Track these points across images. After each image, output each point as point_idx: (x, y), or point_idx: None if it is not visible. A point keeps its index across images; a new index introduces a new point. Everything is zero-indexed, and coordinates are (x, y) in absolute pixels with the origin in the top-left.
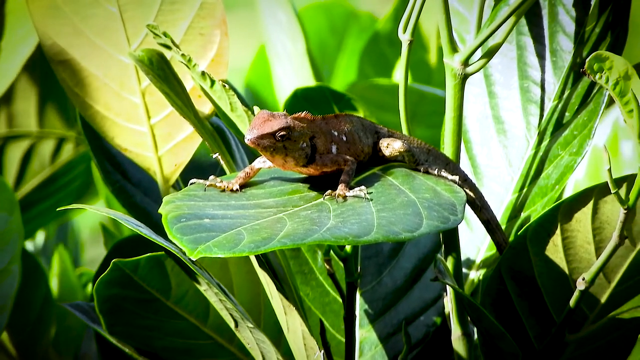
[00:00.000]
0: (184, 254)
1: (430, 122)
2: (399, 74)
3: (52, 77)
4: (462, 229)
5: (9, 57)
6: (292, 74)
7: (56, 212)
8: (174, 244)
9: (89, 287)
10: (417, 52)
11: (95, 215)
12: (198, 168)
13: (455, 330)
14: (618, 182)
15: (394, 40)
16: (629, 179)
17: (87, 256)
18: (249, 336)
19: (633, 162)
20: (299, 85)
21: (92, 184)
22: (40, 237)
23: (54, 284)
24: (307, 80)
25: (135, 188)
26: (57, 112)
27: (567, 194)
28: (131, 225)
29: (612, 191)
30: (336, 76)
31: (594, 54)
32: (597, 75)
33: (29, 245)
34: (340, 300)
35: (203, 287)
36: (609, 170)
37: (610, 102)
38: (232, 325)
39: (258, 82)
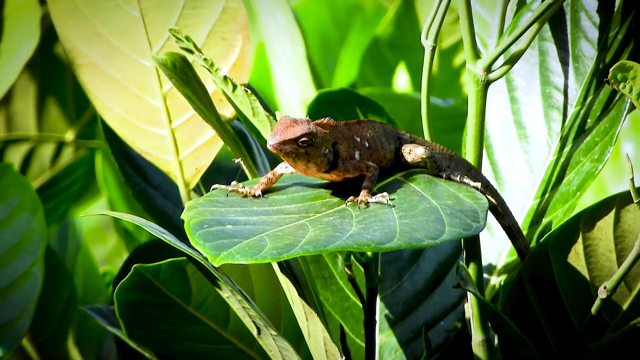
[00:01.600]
0: (207, 260)
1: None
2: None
3: (51, 78)
4: (483, 234)
5: (8, 60)
6: (291, 77)
7: (57, 215)
8: (196, 250)
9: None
10: (418, 55)
11: (94, 215)
12: (219, 172)
13: (476, 336)
14: None
15: (395, 44)
16: None
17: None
18: (272, 344)
19: (635, 164)
20: (298, 89)
21: (92, 187)
22: None
23: (78, 283)
24: (307, 83)
25: (155, 191)
26: (56, 113)
27: None
28: (154, 231)
29: (635, 200)
30: (339, 70)
31: (617, 63)
32: (621, 85)
33: None
34: (360, 305)
35: (226, 294)
36: (632, 179)
37: (632, 108)
38: (254, 332)
39: (258, 81)
